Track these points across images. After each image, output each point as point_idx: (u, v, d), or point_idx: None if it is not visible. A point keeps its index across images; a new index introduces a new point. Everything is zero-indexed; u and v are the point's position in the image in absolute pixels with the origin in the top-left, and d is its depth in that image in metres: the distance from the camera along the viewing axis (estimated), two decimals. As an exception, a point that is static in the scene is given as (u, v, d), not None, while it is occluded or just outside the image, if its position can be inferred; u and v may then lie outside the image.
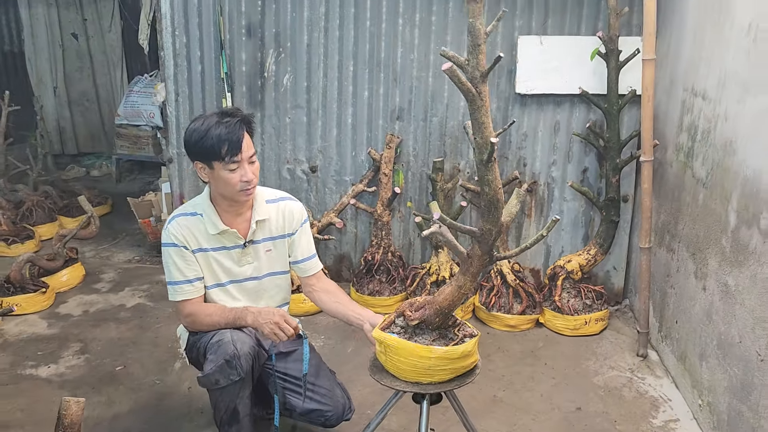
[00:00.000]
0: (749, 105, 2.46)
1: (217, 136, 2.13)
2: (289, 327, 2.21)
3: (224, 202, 2.30)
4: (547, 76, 3.70)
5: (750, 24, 2.47)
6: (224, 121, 2.16)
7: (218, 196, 2.30)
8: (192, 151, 2.21)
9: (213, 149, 2.14)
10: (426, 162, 3.97)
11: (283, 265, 2.50)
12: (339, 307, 2.43)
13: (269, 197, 2.44)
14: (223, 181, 2.21)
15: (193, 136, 2.19)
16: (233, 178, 2.19)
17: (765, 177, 2.30)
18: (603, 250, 3.71)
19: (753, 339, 2.35)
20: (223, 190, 2.25)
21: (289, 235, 2.46)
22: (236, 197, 2.26)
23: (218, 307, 2.34)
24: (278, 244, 2.45)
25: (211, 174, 2.22)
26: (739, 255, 2.49)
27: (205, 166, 2.22)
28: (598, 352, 3.49)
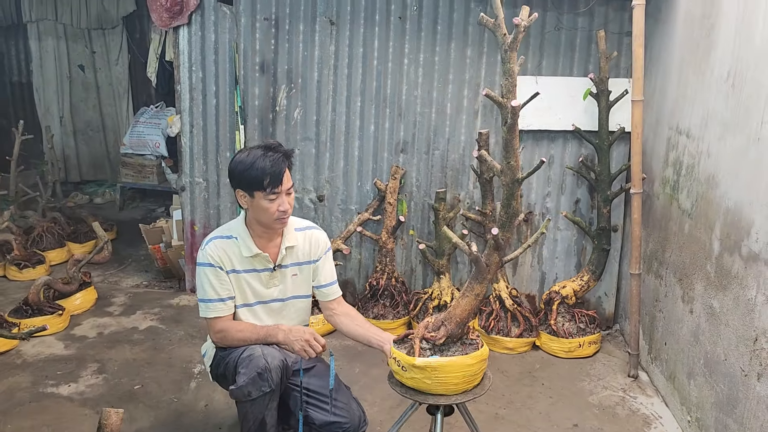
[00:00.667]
0: (729, 143, 2.72)
1: (262, 168, 2.33)
2: (317, 344, 2.39)
3: (259, 228, 2.49)
4: (542, 113, 3.96)
5: (729, 71, 2.75)
6: (268, 155, 2.36)
7: (254, 221, 2.48)
8: (236, 179, 2.40)
9: (256, 180, 2.34)
10: (428, 192, 4.20)
11: (306, 289, 2.68)
12: (359, 330, 2.60)
13: (298, 226, 2.63)
14: (262, 209, 2.39)
15: (238, 167, 2.38)
16: (272, 207, 2.38)
17: (745, 208, 2.55)
18: (595, 277, 3.94)
19: (737, 356, 2.57)
20: (260, 217, 2.43)
21: (314, 261, 2.65)
22: (272, 225, 2.45)
23: (249, 324, 2.52)
24: (303, 269, 2.64)
25: (251, 202, 2.41)
26: (723, 279, 2.72)
27: (246, 194, 2.40)
28: (591, 373, 3.69)
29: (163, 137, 6.35)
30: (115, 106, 7.29)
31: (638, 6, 3.25)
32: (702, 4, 3.07)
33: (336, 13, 4.03)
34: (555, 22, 3.96)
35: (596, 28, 3.82)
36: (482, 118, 4.10)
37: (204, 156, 4.33)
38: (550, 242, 4.22)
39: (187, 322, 4.18)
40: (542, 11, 3.94)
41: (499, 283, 3.99)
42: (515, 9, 3.93)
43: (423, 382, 2.23)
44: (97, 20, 6.96)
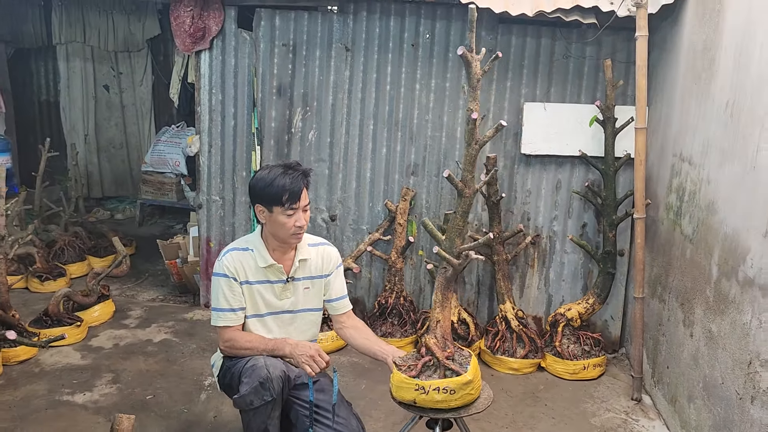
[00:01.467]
0: (728, 171, 2.79)
1: (281, 185, 2.45)
2: (322, 361, 2.48)
3: (275, 241, 2.60)
4: (549, 139, 4.06)
5: (728, 102, 2.83)
6: (288, 173, 2.48)
7: (270, 235, 2.59)
8: (256, 195, 2.52)
9: (276, 196, 2.45)
10: (437, 214, 4.29)
11: (317, 303, 2.78)
12: (366, 343, 2.70)
13: (311, 241, 2.74)
14: (279, 224, 2.51)
15: (259, 183, 2.50)
16: (289, 222, 2.50)
17: (742, 234, 2.62)
18: (600, 300, 3.99)
19: (733, 379, 2.61)
20: (277, 232, 2.54)
21: (326, 275, 2.75)
22: (288, 239, 2.57)
23: (257, 335, 2.62)
24: (316, 283, 2.74)
25: (270, 217, 2.52)
26: (720, 304, 2.77)
27: (266, 209, 2.51)
28: (595, 396, 3.73)
29: (183, 156, 6.53)
30: (138, 125, 7.52)
31: (641, 37, 3.35)
32: (704, 37, 3.16)
33: (351, 40, 4.18)
34: (563, 50, 4.07)
35: (604, 57, 3.92)
36: (491, 143, 4.19)
37: (221, 175, 4.47)
38: (557, 265, 4.29)
39: (200, 336, 4.29)
40: (551, 40, 4.06)
41: (505, 304, 4.06)
42: (524, 37, 4.07)
43: (439, 403, 2.35)
44: (124, 43, 7.21)
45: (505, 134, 4.17)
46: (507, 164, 4.21)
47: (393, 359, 2.50)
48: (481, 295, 4.40)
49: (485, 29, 4.08)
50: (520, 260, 4.30)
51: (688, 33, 3.40)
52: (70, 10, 7.06)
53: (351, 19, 4.17)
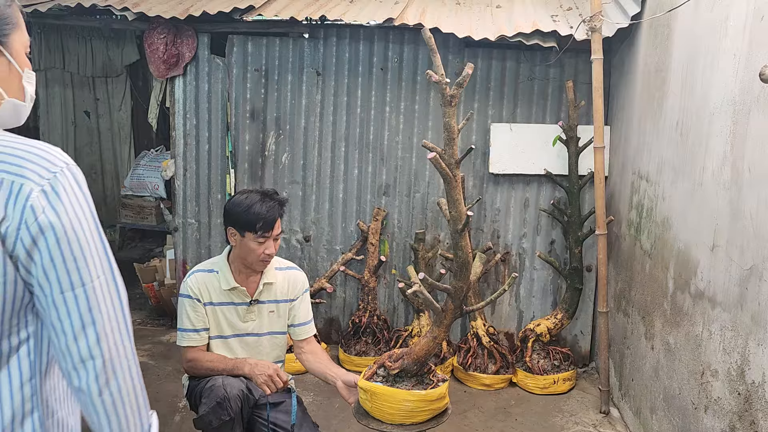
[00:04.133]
0: (679, 188, 2.90)
1: (257, 213, 2.51)
2: (279, 381, 2.54)
3: (241, 264, 2.65)
4: (516, 158, 4.16)
5: (677, 121, 2.95)
6: (266, 201, 2.54)
7: (237, 259, 2.64)
8: (231, 218, 2.57)
9: (250, 222, 2.51)
10: (409, 233, 4.37)
11: (282, 326, 2.82)
12: (320, 366, 2.74)
13: (279, 265, 2.79)
14: (249, 249, 2.56)
15: (235, 207, 2.55)
16: (258, 249, 2.55)
17: (693, 249, 2.71)
18: (568, 315, 4.07)
19: (688, 390, 2.69)
20: (246, 256, 2.59)
21: (291, 300, 2.80)
22: (255, 266, 2.62)
23: (218, 355, 2.66)
24: (281, 307, 2.79)
25: (240, 241, 2.57)
26: (676, 316, 2.86)
27: (237, 233, 2.57)
28: (565, 409, 3.79)
29: (162, 180, 6.57)
30: (118, 150, 7.56)
31: (596, 60, 3.48)
32: (656, 59, 3.29)
33: (322, 65, 4.29)
34: (528, 72, 4.19)
35: (566, 79, 4.05)
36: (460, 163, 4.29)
37: (196, 198, 4.53)
38: (527, 281, 4.37)
39: (176, 359, 4.30)
40: (516, 63, 4.19)
41: (476, 320, 4.13)
42: (489, 60, 4.19)
43: (365, 403, 2.42)
44: (102, 69, 7.27)
45: (474, 154, 4.27)
46: (476, 183, 4.31)
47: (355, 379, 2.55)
48: (454, 313, 4.46)
49: (452, 53, 4.20)
50: (491, 277, 4.38)
51: (643, 55, 3.53)
52: (49, 36, 7.13)
53: (321, 44, 4.28)
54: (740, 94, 2.35)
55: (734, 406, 2.27)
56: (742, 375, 2.22)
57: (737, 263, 2.29)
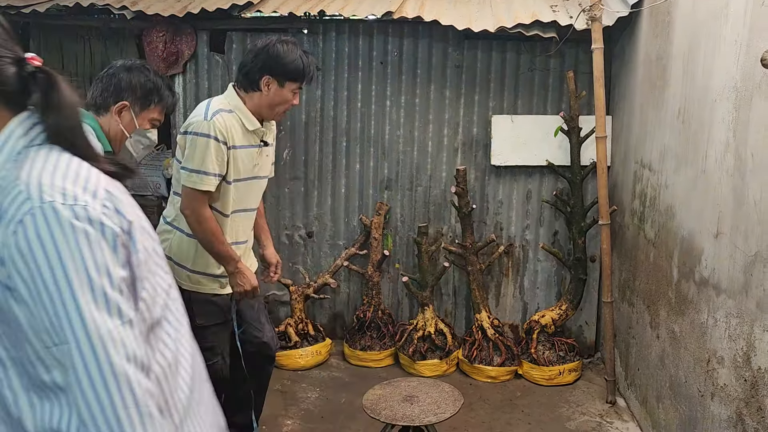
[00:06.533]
0: (682, 176, 2.89)
1: (307, 64, 2.56)
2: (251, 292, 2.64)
3: (257, 112, 2.61)
4: (518, 150, 4.15)
5: (679, 109, 2.94)
6: (309, 56, 2.61)
7: (260, 106, 2.59)
8: (273, 68, 2.53)
9: (296, 72, 2.54)
10: (412, 227, 4.37)
11: (270, 170, 2.86)
12: (260, 227, 2.96)
13: None
14: (283, 98, 2.58)
15: (282, 56, 2.52)
16: (291, 99, 2.60)
17: (696, 236, 2.71)
18: (573, 306, 4.07)
19: (694, 378, 2.69)
20: (276, 105, 2.59)
21: (272, 144, 2.85)
22: (275, 115, 2.65)
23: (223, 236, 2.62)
24: (271, 150, 2.84)
25: (277, 90, 2.56)
26: (681, 305, 2.86)
27: (276, 82, 2.55)
28: (570, 400, 3.79)
29: (163, 178, 6.56)
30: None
31: (597, 50, 3.47)
32: (657, 47, 3.28)
33: (321, 60, 4.27)
34: (528, 64, 4.18)
35: (567, 69, 4.03)
36: (462, 155, 4.29)
37: (198, 196, 4.52)
38: (530, 273, 4.37)
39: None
40: (516, 54, 4.17)
41: (481, 313, 4.13)
42: (489, 52, 4.18)
43: None
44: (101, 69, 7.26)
45: (475, 146, 4.27)
46: (478, 176, 4.30)
47: None
48: (458, 306, 4.47)
49: (452, 45, 4.19)
50: (495, 269, 4.38)
51: (643, 44, 3.52)
52: (48, 37, 7.12)
53: (321, 39, 4.27)
54: (742, 80, 2.34)
55: (741, 392, 2.27)
56: (748, 361, 2.22)
57: (741, 250, 2.28)
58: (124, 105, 2.19)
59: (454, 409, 2.49)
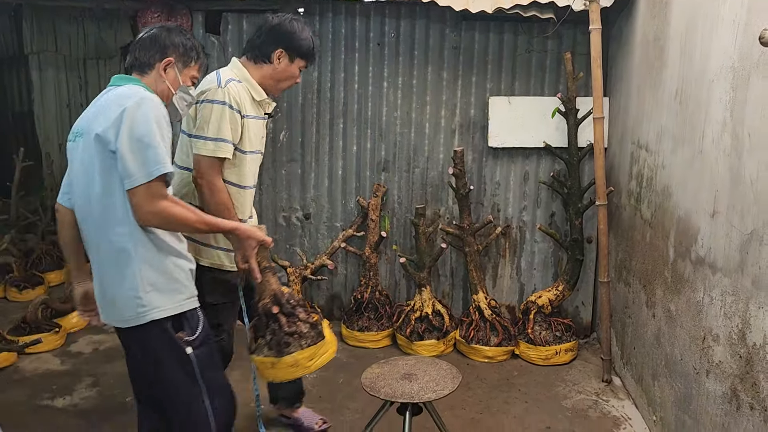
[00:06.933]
0: (679, 156, 2.90)
1: (316, 45, 2.71)
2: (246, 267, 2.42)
3: (263, 84, 2.64)
4: (515, 131, 4.16)
5: (677, 90, 2.94)
6: (316, 38, 2.73)
7: (265, 78, 2.63)
8: (288, 42, 2.60)
9: (308, 50, 2.65)
10: (409, 209, 4.38)
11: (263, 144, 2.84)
12: None
13: None
14: (290, 74, 2.66)
15: (298, 34, 2.62)
16: (296, 77, 2.68)
17: (693, 216, 2.73)
18: (570, 286, 4.10)
19: (690, 355, 2.72)
20: (282, 79, 2.66)
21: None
22: (278, 89, 2.69)
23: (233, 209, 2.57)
24: (267, 124, 2.87)
25: (286, 65, 2.63)
26: (677, 284, 2.89)
27: (287, 56, 2.62)
28: (567, 379, 3.83)
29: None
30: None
31: (595, 30, 3.46)
32: (654, 28, 3.27)
33: (318, 41, 4.25)
34: (526, 45, 4.17)
35: (564, 50, 4.02)
36: (459, 137, 4.29)
37: (195, 178, 4.52)
38: (527, 254, 4.39)
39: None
40: (513, 36, 4.16)
41: (478, 294, 4.15)
42: (487, 33, 4.17)
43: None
44: (95, 51, 7.21)
45: (473, 128, 4.27)
46: (475, 157, 4.30)
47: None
48: (455, 287, 4.49)
49: (449, 27, 4.17)
50: (492, 251, 4.40)
51: (641, 25, 3.51)
52: (41, 18, 7.05)
53: (317, 20, 4.24)
54: (739, 60, 2.34)
55: (736, 369, 2.30)
56: (743, 338, 2.25)
57: (738, 228, 2.30)
58: (170, 61, 2.19)
59: (452, 386, 2.51)
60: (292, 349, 2.19)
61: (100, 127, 1.99)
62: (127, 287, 2.04)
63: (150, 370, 2.14)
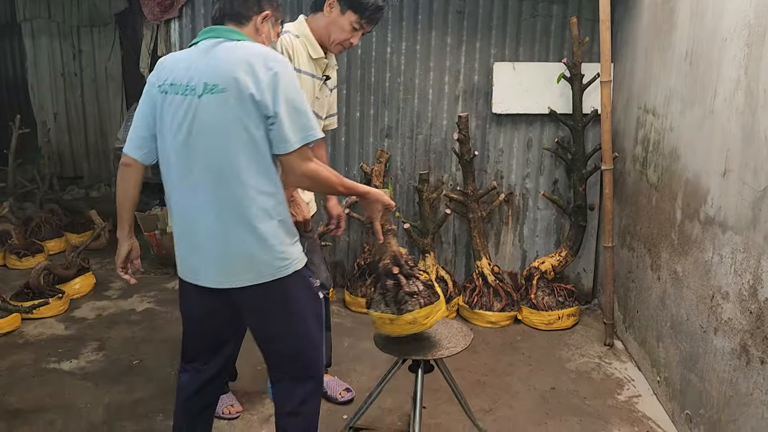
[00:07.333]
0: (688, 117, 2.91)
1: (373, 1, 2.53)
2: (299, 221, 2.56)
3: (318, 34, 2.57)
4: (519, 97, 4.14)
5: (687, 51, 2.94)
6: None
7: (317, 31, 2.56)
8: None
9: (365, 5, 2.51)
10: (413, 175, 4.37)
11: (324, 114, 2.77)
12: None
13: None
14: (339, 28, 2.54)
15: None
16: (347, 34, 2.55)
17: (702, 177, 2.74)
18: (572, 252, 4.12)
19: (697, 314, 2.76)
20: (330, 33, 2.55)
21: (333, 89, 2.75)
22: (332, 45, 2.58)
23: None
24: (333, 96, 2.77)
25: (338, 16, 2.53)
26: (684, 245, 2.91)
27: (339, 7, 2.52)
28: (569, 343, 3.88)
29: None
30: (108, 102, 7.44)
31: (604, -8, 3.44)
32: (664, -11, 3.26)
33: (386, 4, 4.16)
34: (531, 10, 4.14)
35: (570, 15, 4.00)
36: (463, 103, 4.28)
37: (196, 144, 4.48)
38: (530, 221, 4.40)
39: (183, 304, 4.34)
40: (518, 0, 4.13)
41: (482, 260, 4.17)
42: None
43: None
44: (89, 18, 7.10)
45: (476, 94, 4.25)
46: (479, 124, 4.29)
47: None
48: (458, 254, 4.51)
49: (454, -10, 4.13)
50: (495, 218, 4.41)
51: (650, -13, 3.49)
52: (33, -16, 6.93)
53: (320, -17, 4.18)
54: (755, 17, 2.33)
55: (746, 324, 2.33)
56: (754, 294, 2.27)
57: (750, 186, 2.31)
58: (267, 15, 2.12)
59: (465, 343, 2.53)
60: (410, 307, 2.34)
61: (252, 88, 1.93)
62: (270, 243, 2.06)
63: (290, 321, 2.19)
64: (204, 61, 2.01)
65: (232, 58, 1.98)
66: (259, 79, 1.94)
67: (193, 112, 2.00)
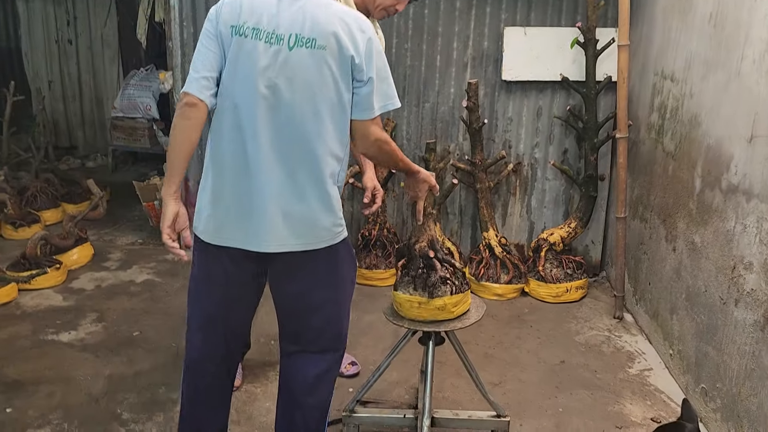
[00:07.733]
0: (711, 81, 2.79)
1: None
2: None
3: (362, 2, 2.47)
4: (530, 64, 4.01)
5: (711, 13, 2.81)
6: None
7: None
8: None
9: None
10: (419, 144, 4.26)
11: None
12: None
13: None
14: None
15: None
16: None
17: (725, 143, 2.64)
18: (582, 224, 4.03)
19: (716, 286, 2.67)
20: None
21: None
22: (377, 11, 2.48)
23: None
24: None
25: None
26: (704, 215, 2.81)
27: None
28: (578, 316, 3.80)
29: (154, 100, 6.34)
30: (104, 70, 7.26)
31: (623, -49, 3.30)
32: (686, -52, 3.11)
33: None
34: (543, -28, 3.99)
35: (584, -22, 3.86)
36: (471, 70, 4.15)
37: (196, 112, 4.35)
38: (538, 192, 4.30)
39: (183, 275, 4.24)
40: (530, -38, 3.98)
41: (489, 231, 4.08)
42: (503, -41, 3.96)
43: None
44: (84, -18, 6.91)
45: (486, 61, 4.11)
46: (488, 92, 4.16)
47: None
48: (464, 225, 4.41)
49: (463, -48, 3.98)
50: (502, 188, 4.31)
51: (670, -53, 3.34)
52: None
53: (324, -57, 4.02)
54: (789, -27, 2.21)
55: (771, 295, 2.24)
56: (781, 264, 2.18)
57: (780, 151, 2.21)
58: None
59: (477, 315, 2.45)
60: (441, 293, 2.31)
61: (351, 50, 1.88)
62: (334, 209, 2.04)
63: (336, 288, 2.17)
64: (290, 12, 1.90)
65: (326, 16, 1.89)
66: (357, 42, 1.89)
67: (281, 63, 1.89)
